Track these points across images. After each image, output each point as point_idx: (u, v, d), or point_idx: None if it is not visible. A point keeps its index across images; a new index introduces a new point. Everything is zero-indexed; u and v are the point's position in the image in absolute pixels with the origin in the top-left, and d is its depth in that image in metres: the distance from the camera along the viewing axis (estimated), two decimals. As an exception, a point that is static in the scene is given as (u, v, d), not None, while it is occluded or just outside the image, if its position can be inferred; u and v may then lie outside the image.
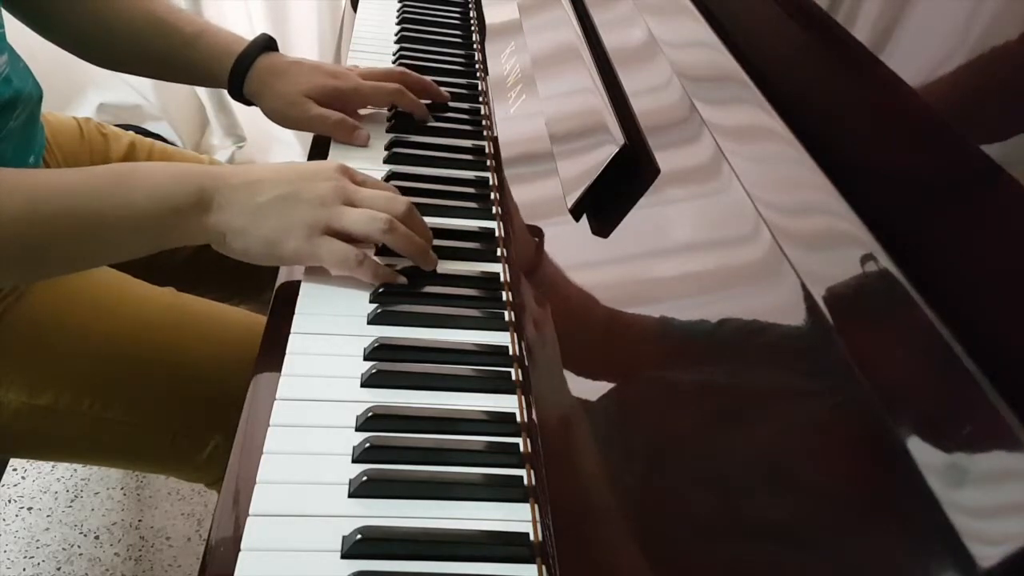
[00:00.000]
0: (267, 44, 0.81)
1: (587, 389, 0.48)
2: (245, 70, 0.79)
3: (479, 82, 0.92)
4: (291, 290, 0.61)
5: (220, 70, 0.80)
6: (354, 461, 0.49)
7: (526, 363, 0.55)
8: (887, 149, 0.40)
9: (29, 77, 0.74)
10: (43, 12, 0.79)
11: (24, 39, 0.78)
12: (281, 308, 0.60)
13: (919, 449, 0.28)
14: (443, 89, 0.85)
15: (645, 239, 0.50)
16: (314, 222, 0.59)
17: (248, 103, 0.81)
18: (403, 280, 0.62)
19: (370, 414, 0.51)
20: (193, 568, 1.23)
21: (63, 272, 0.69)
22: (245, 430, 0.51)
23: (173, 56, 0.81)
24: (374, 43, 0.98)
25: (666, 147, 0.52)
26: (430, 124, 0.83)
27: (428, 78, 0.85)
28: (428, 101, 0.84)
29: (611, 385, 0.47)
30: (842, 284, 0.35)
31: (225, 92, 0.82)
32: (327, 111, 0.78)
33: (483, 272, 0.65)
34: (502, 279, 0.64)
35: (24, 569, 1.21)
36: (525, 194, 0.68)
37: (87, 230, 0.58)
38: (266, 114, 0.80)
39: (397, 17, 1.04)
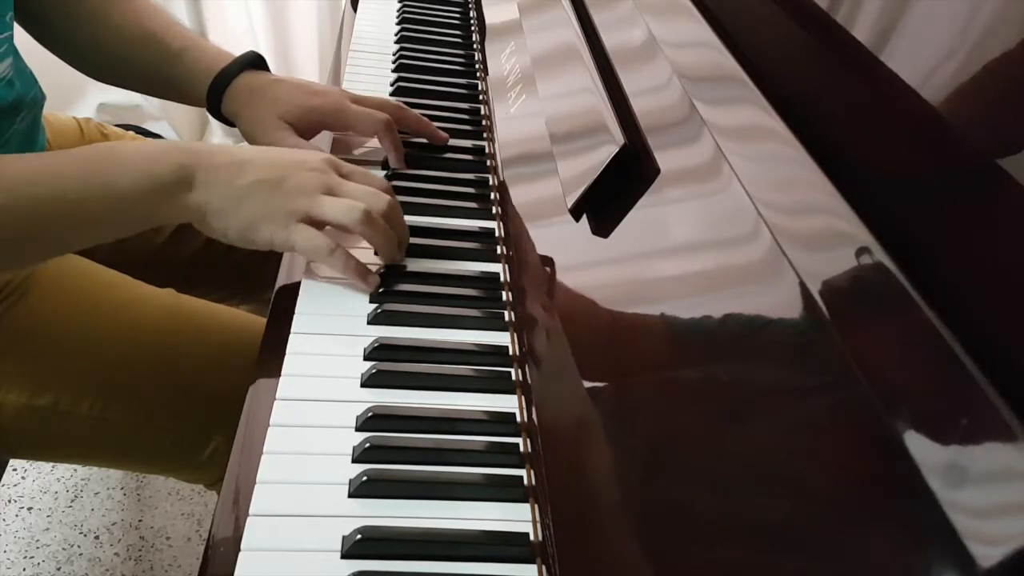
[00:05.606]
0: (252, 62, 0.75)
1: (587, 389, 0.48)
2: (222, 89, 0.74)
3: (479, 82, 0.92)
4: (291, 290, 0.61)
5: (200, 88, 0.75)
6: (354, 461, 0.49)
7: (526, 363, 0.55)
8: (887, 149, 0.40)
9: (33, 81, 0.74)
10: (40, 19, 0.78)
11: (24, 39, 0.78)
12: (281, 308, 0.60)
13: (919, 448, 0.28)
14: (442, 89, 0.85)
15: (645, 239, 0.50)
16: (293, 210, 0.58)
17: (233, 125, 0.76)
18: (375, 280, 0.60)
19: (370, 414, 0.51)
20: (193, 568, 1.23)
21: (49, 256, 0.68)
22: (245, 430, 0.51)
23: (158, 72, 0.77)
24: (374, 43, 0.98)
25: (666, 147, 0.52)
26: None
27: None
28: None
29: (611, 384, 0.47)
30: (842, 284, 0.35)
31: None
32: (297, 143, 0.71)
33: (483, 272, 0.65)
34: (502, 279, 0.64)
35: (24, 569, 1.21)
36: (525, 194, 0.68)
37: (70, 215, 0.57)
38: (245, 138, 0.74)
39: (397, 17, 1.04)
